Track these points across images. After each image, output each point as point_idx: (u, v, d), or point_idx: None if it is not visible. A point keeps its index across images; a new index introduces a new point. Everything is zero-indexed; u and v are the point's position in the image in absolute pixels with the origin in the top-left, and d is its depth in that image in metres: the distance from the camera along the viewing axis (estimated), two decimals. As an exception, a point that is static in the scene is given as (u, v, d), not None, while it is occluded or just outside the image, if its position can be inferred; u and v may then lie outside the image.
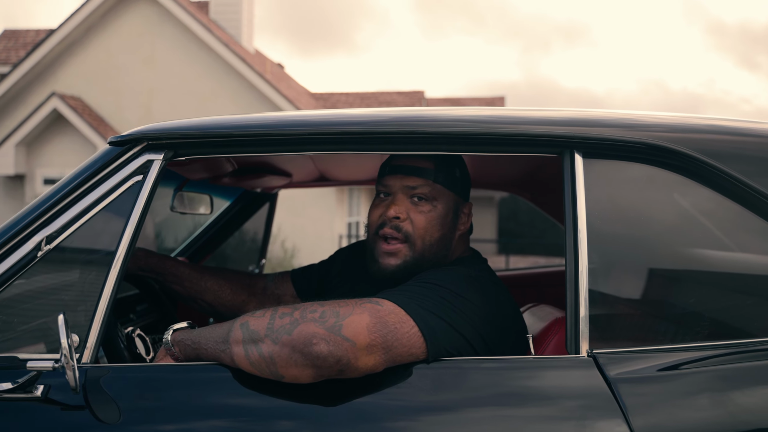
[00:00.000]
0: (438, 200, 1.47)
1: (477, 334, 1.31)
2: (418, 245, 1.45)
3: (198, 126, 1.37)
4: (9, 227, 1.32)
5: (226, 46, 13.45)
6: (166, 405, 1.22)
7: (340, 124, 1.37)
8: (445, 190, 1.48)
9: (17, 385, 1.20)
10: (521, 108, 1.44)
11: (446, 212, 1.48)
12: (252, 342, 1.22)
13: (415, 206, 1.46)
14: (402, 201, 1.47)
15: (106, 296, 1.27)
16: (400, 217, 1.45)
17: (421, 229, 1.45)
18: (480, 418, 1.20)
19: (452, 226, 1.50)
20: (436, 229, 1.46)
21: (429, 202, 1.46)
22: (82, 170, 1.35)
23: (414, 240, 1.45)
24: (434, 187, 1.47)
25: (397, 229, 1.45)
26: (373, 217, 1.50)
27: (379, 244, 1.48)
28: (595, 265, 1.29)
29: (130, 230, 1.30)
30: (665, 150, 1.33)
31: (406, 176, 1.47)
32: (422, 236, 1.45)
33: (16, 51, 15.85)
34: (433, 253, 1.46)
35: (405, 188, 1.47)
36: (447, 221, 1.48)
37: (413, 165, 1.48)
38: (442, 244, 1.48)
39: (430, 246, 1.46)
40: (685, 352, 1.27)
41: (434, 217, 1.46)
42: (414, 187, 1.46)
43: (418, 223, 1.45)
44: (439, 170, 1.47)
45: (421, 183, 1.46)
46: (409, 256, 1.45)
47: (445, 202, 1.48)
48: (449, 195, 1.49)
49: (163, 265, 1.81)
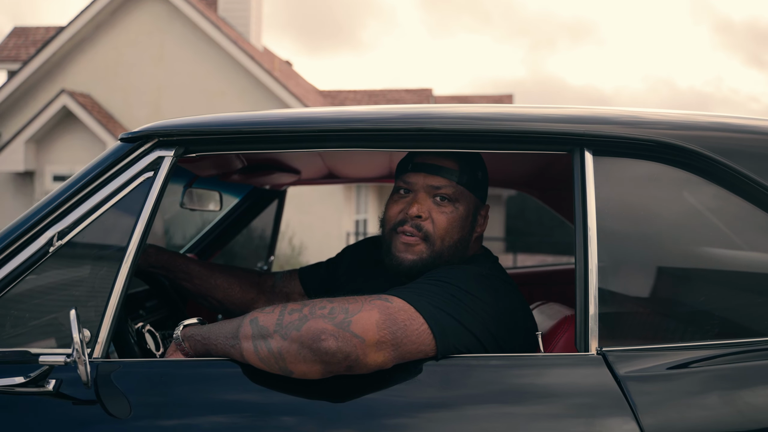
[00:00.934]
0: (460, 201, 1.46)
1: (486, 332, 1.31)
2: (437, 245, 1.45)
3: (208, 123, 1.38)
4: (21, 223, 1.33)
5: (235, 43, 13.47)
6: (176, 400, 1.23)
7: (350, 121, 1.37)
8: (467, 191, 1.48)
9: (29, 379, 1.21)
10: (531, 105, 1.44)
11: (467, 214, 1.48)
12: (261, 338, 1.22)
13: (438, 206, 1.45)
14: (424, 200, 1.46)
15: (117, 292, 1.28)
16: (422, 216, 1.45)
17: (441, 229, 1.44)
18: (489, 415, 1.20)
19: (471, 228, 1.49)
20: (456, 231, 1.46)
21: (452, 203, 1.46)
22: (94, 166, 1.36)
23: (434, 240, 1.44)
24: (457, 188, 1.46)
25: (417, 228, 1.45)
26: (392, 212, 1.50)
27: (398, 238, 1.47)
28: (605, 263, 1.28)
29: (141, 226, 1.31)
30: (676, 148, 1.33)
31: (430, 175, 1.47)
32: (442, 237, 1.45)
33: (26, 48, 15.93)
34: (450, 253, 1.46)
35: (428, 187, 1.46)
36: (467, 223, 1.48)
37: (438, 164, 1.47)
38: (460, 246, 1.48)
39: (448, 247, 1.46)
40: (694, 351, 1.26)
41: (455, 219, 1.46)
42: (438, 187, 1.46)
43: (439, 224, 1.44)
44: (463, 171, 1.47)
45: (445, 183, 1.46)
46: (426, 254, 1.45)
47: (466, 204, 1.48)
48: (470, 197, 1.49)
49: (173, 261, 1.82)
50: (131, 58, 13.89)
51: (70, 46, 13.91)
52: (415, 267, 1.45)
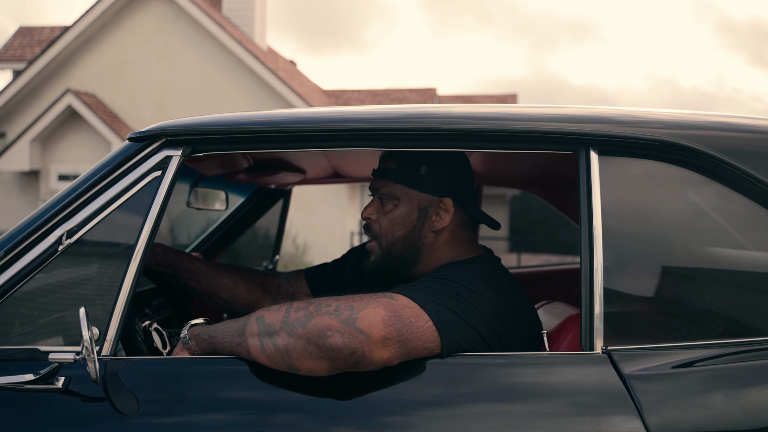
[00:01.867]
0: (400, 200, 1.49)
1: (491, 330, 1.32)
2: (383, 244, 1.50)
3: (216, 122, 1.38)
4: (30, 222, 1.34)
5: (239, 43, 13.50)
6: (183, 397, 1.24)
7: (355, 121, 1.38)
8: (407, 189, 1.48)
9: (39, 376, 1.22)
10: (536, 105, 1.45)
11: (408, 211, 1.48)
12: (267, 335, 1.23)
13: (382, 206, 1.51)
14: (374, 202, 1.53)
15: (125, 290, 1.29)
16: (371, 218, 1.52)
17: (384, 228, 1.50)
18: (494, 414, 1.21)
19: (420, 224, 1.48)
20: (397, 229, 1.49)
21: (390, 202, 1.50)
22: (102, 166, 1.37)
23: (380, 239, 1.51)
24: (395, 187, 1.49)
25: (367, 229, 1.53)
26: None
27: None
28: (610, 262, 1.29)
29: (149, 225, 1.32)
30: (681, 147, 1.33)
31: (375, 178, 1.54)
32: (385, 235, 1.50)
33: (31, 48, 15.98)
34: (399, 251, 1.49)
35: (374, 189, 1.54)
36: (410, 220, 1.48)
37: (381, 167, 1.53)
38: (409, 243, 1.49)
39: (393, 244, 1.49)
40: (699, 350, 1.27)
41: (393, 217, 1.49)
42: (378, 188, 1.52)
43: (381, 223, 1.50)
44: (400, 170, 1.49)
45: (382, 184, 1.51)
46: (379, 255, 1.51)
47: (408, 201, 1.49)
48: (413, 194, 1.48)
49: (180, 260, 1.83)
50: (136, 58, 13.93)
51: (75, 46, 13.95)
52: (374, 268, 1.52)
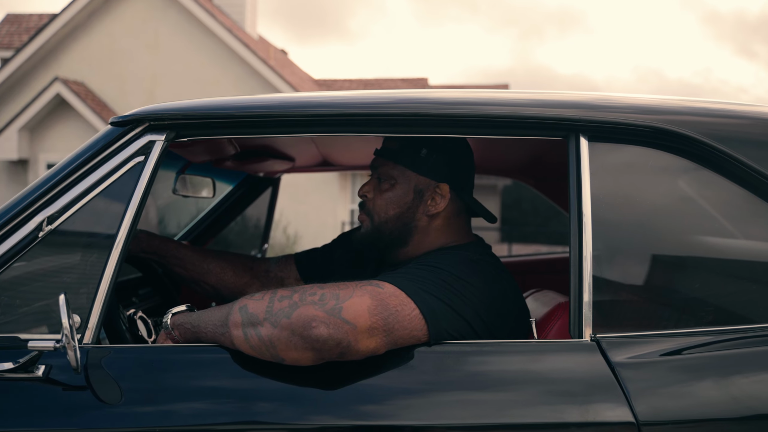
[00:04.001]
0: (397, 180, 1.50)
1: (477, 317, 1.31)
2: (375, 220, 1.52)
3: (200, 107, 1.36)
4: (10, 207, 1.31)
5: (230, 31, 13.40)
6: (166, 385, 1.22)
7: (344, 106, 1.36)
8: (405, 170, 1.49)
9: (18, 365, 1.20)
10: (525, 91, 1.43)
11: (404, 192, 1.49)
12: (251, 325, 1.21)
13: (379, 185, 1.53)
14: (372, 181, 1.55)
15: (107, 277, 1.27)
16: (367, 196, 1.54)
17: (377, 206, 1.52)
18: (482, 401, 1.20)
19: (414, 206, 1.49)
20: (391, 208, 1.50)
21: (387, 181, 1.51)
22: (84, 150, 1.34)
23: (372, 215, 1.53)
24: (394, 167, 1.50)
25: (361, 206, 1.56)
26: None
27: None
28: (600, 250, 1.28)
29: (132, 211, 1.30)
30: (672, 134, 1.32)
31: (376, 158, 1.55)
32: (378, 213, 1.52)
33: (18, 35, 15.82)
34: (390, 229, 1.51)
35: (373, 168, 1.55)
36: (405, 201, 1.49)
37: (383, 147, 1.54)
38: (401, 222, 1.50)
39: (385, 222, 1.51)
40: (687, 338, 1.26)
41: (389, 197, 1.50)
42: (377, 167, 1.53)
43: (376, 201, 1.52)
44: (400, 151, 1.50)
45: (381, 163, 1.53)
46: (369, 228, 1.54)
47: (405, 182, 1.49)
48: (411, 175, 1.49)
49: (165, 247, 1.81)
50: (125, 46, 13.81)
51: (63, 34, 13.81)
52: (363, 241, 1.55)
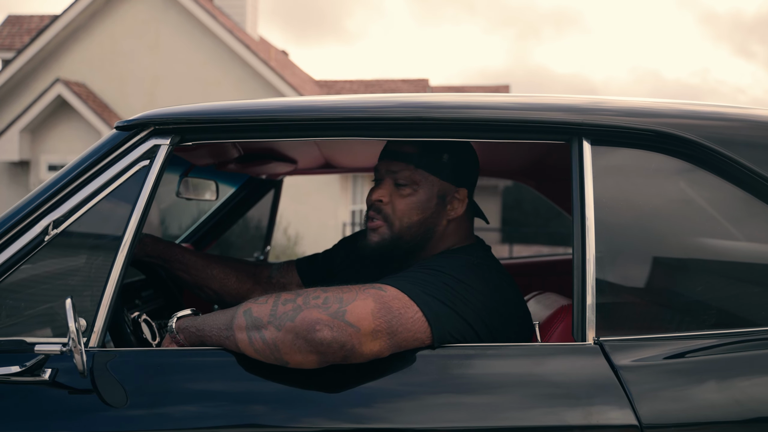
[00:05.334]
0: (419, 185, 1.48)
1: (479, 320, 1.31)
2: (396, 226, 1.49)
3: (205, 111, 1.37)
4: (16, 212, 1.32)
5: (231, 32, 13.40)
6: (172, 389, 1.23)
7: (347, 110, 1.37)
8: (428, 175, 1.48)
9: (25, 368, 1.20)
10: (529, 94, 1.44)
11: (428, 197, 1.49)
12: (255, 329, 1.22)
13: (397, 190, 1.49)
14: (386, 185, 1.51)
15: (113, 281, 1.27)
16: (383, 200, 1.50)
17: (399, 212, 1.48)
18: (485, 405, 1.20)
19: (437, 211, 1.49)
20: (415, 213, 1.48)
21: (409, 186, 1.49)
22: (89, 155, 1.35)
23: (392, 221, 1.49)
24: (416, 172, 1.48)
25: (377, 211, 1.51)
26: (367, 199, 1.56)
27: (367, 223, 1.54)
28: (603, 253, 1.28)
29: (137, 215, 1.30)
30: (674, 137, 1.32)
31: (390, 161, 1.51)
32: (400, 218, 1.48)
33: (20, 37, 15.83)
34: (412, 235, 1.49)
35: (389, 172, 1.51)
36: (429, 206, 1.49)
37: (398, 150, 1.51)
38: (423, 228, 1.49)
39: (408, 228, 1.48)
40: (691, 341, 1.27)
41: (413, 202, 1.48)
42: (395, 171, 1.50)
43: (397, 206, 1.49)
44: (422, 155, 1.48)
45: (402, 168, 1.49)
46: (387, 235, 1.49)
47: (428, 187, 1.49)
48: (433, 180, 1.49)
49: (170, 252, 1.82)
50: (126, 47, 13.81)
51: (64, 35, 13.82)
52: (378, 248, 1.50)
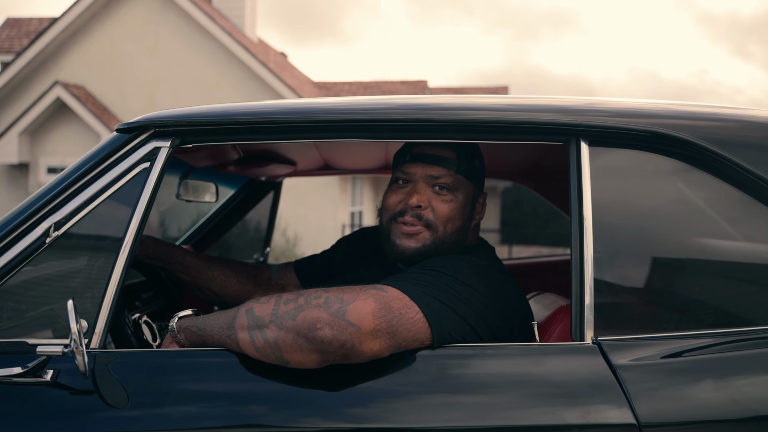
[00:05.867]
0: (459, 190, 1.49)
1: (481, 321, 1.32)
2: (440, 232, 1.46)
3: (205, 113, 1.37)
4: (17, 214, 1.32)
5: (230, 35, 13.41)
6: (173, 389, 1.23)
7: (347, 112, 1.37)
8: (465, 180, 1.50)
9: (27, 369, 1.21)
10: (526, 96, 1.44)
11: (466, 202, 1.50)
12: (257, 328, 1.23)
13: (437, 195, 1.47)
14: (424, 190, 1.48)
15: (114, 283, 1.28)
16: (423, 205, 1.46)
17: (443, 217, 1.46)
18: (484, 404, 1.21)
19: (470, 216, 1.52)
20: (457, 218, 1.48)
21: (451, 191, 1.48)
22: (90, 157, 1.35)
23: (436, 227, 1.46)
24: (456, 177, 1.48)
25: (418, 218, 1.46)
26: (391, 202, 1.51)
27: (398, 227, 1.48)
28: (601, 253, 1.29)
29: (138, 217, 1.31)
30: (672, 138, 1.33)
31: (428, 165, 1.48)
32: (444, 224, 1.46)
33: (19, 39, 15.83)
34: (452, 241, 1.49)
35: (427, 177, 1.48)
36: (466, 211, 1.51)
37: (436, 154, 1.48)
38: (461, 233, 1.50)
39: (450, 234, 1.48)
40: (688, 340, 1.27)
41: (455, 207, 1.48)
42: (437, 176, 1.47)
43: (440, 212, 1.46)
44: (461, 160, 1.49)
45: (444, 173, 1.47)
46: (429, 241, 1.46)
47: (465, 192, 1.50)
48: (469, 185, 1.51)
49: (170, 253, 1.82)
50: (126, 50, 13.81)
51: (63, 38, 13.82)
52: (418, 254, 1.46)
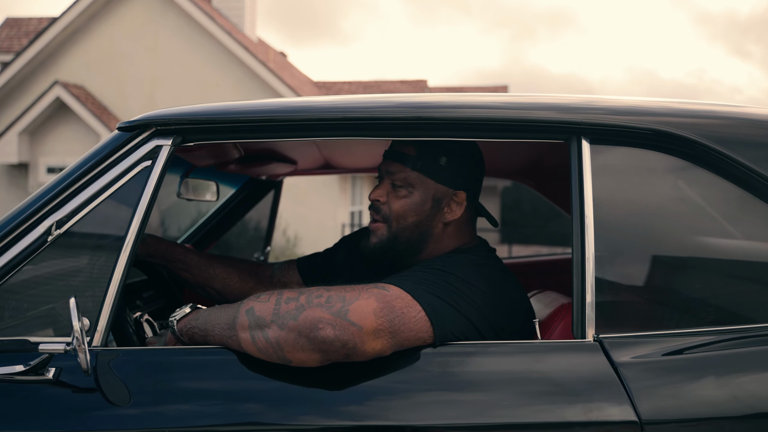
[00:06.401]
0: (415, 187, 1.49)
1: (483, 319, 1.32)
2: (393, 227, 1.50)
3: (207, 112, 1.37)
4: (19, 212, 1.32)
5: (229, 34, 13.41)
6: (175, 387, 1.24)
7: (347, 110, 1.38)
8: (424, 178, 1.48)
9: (29, 367, 1.21)
10: (527, 94, 1.44)
11: (423, 200, 1.48)
12: (258, 328, 1.23)
13: (393, 191, 1.50)
14: (384, 185, 1.52)
15: (115, 281, 1.28)
16: (380, 200, 1.51)
17: (395, 212, 1.49)
18: (486, 402, 1.21)
19: (432, 214, 1.49)
20: (411, 215, 1.49)
21: (405, 188, 1.49)
22: (91, 156, 1.36)
23: (391, 221, 1.50)
24: (411, 174, 1.48)
25: (376, 211, 1.52)
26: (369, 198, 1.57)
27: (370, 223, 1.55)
28: (602, 251, 1.29)
29: (139, 215, 1.31)
30: (673, 136, 1.33)
31: (389, 162, 1.52)
32: (396, 219, 1.49)
33: (18, 39, 15.82)
34: (407, 237, 1.49)
35: (387, 173, 1.52)
36: (424, 209, 1.48)
37: (397, 151, 1.52)
38: (418, 231, 1.49)
39: (403, 229, 1.49)
40: (689, 338, 1.27)
41: (408, 203, 1.49)
42: (393, 172, 1.51)
43: (393, 207, 1.50)
44: (419, 158, 1.48)
45: (398, 169, 1.50)
46: (384, 236, 1.51)
47: (423, 190, 1.48)
48: (429, 183, 1.48)
49: (172, 252, 1.82)
50: (125, 50, 13.81)
51: (63, 37, 13.82)
52: (377, 250, 1.51)
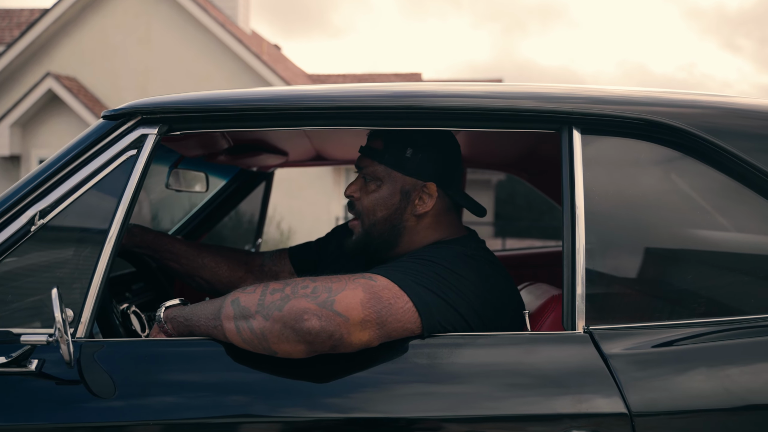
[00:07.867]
0: (383, 181, 1.48)
1: (472, 310, 1.31)
2: (366, 222, 1.50)
3: (192, 100, 1.36)
4: (2, 202, 1.31)
5: (223, 26, 13.34)
6: (160, 379, 1.22)
7: (338, 99, 1.36)
8: (390, 170, 1.47)
9: (11, 359, 1.20)
10: (518, 84, 1.43)
11: (391, 193, 1.47)
12: (243, 318, 1.21)
13: (365, 186, 1.50)
14: (358, 180, 1.52)
15: (100, 271, 1.26)
16: (354, 196, 1.51)
17: (365, 207, 1.49)
18: (476, 393, 1.20)
19: (401, 207, 1.47)
20: (380, 209, 1.48)
21: (374, 182, 1.49)
22: (76, 144, 1.34)
23: (363, 217, 1.50)
24: (378, 167, 1.48)
25: (350, 206, 1.53)
26: None
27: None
28: (593, 242, 1.28)
29: (124, 205, 1.29)
30: (664, 126, 1.32)
31: (361, 157, 1.52)
32: (368, 214, 1.49)
33: (10, 31, 15.72)
34: (380, 231, 1.49)
35: (359, 168, 1.53)
36: (392, 202, 1.47)
37: (368, 145, 1.52)
38: (388, 224, 1.48)
39: (374, 225, 1.49)
40: (679, 329, 1.27)
41: (377, 198, 1.48)
42: (362, 167, 1.51)
43: (363, 202, 1.50)
44: (385, 151, 1.47)
45: (367, 164, 1.50)
46: (360, 234, 1.51)
47: (391, 183, 1.47)
48: (396, 176, 1.47)
49: (159, 242, 1.81)
50: (118, 41, 13.73)
51: (55, 29, 13.72)
52: (355, 246, 1.52)
